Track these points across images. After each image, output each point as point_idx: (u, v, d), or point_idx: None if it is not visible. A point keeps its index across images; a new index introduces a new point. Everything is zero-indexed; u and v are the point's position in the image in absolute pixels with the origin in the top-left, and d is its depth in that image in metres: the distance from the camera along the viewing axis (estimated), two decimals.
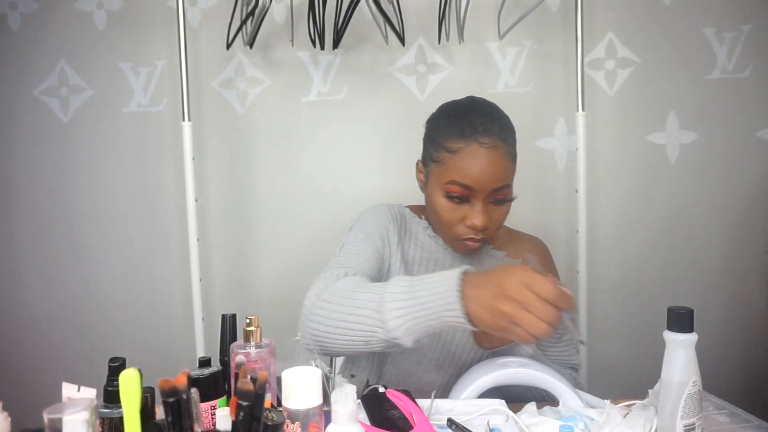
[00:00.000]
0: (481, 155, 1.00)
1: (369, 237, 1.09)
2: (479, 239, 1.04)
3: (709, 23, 1.59)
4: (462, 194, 1.01)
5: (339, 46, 1.51)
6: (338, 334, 0.88)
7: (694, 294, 1.64)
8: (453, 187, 1.01)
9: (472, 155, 1.00)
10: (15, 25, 1.62)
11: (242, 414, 0.55)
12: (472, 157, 1.00)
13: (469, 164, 1.00)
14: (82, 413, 0.58)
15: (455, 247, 1.09)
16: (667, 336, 0.75)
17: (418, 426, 0.78)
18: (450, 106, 1.11)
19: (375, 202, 1.57)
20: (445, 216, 1.04)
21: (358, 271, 1.01)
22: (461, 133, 1.02)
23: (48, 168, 1.66)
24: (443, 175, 1.03)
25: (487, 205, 1.02)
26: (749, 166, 1.62)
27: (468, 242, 1.05)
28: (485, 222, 1.01)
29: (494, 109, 1.08)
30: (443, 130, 1.05)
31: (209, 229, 1.65)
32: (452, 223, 1.04)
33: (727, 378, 1.62)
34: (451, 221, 1.04)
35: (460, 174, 1.01)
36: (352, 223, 1.15)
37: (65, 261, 1.67)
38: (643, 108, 1.62)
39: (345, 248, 1.08)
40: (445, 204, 1.03)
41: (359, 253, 1.05)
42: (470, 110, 1.06)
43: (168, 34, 1.61)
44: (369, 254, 1.05)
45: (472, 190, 1.00)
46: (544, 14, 1.59)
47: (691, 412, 0.74)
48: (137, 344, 1.67)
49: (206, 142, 1.64)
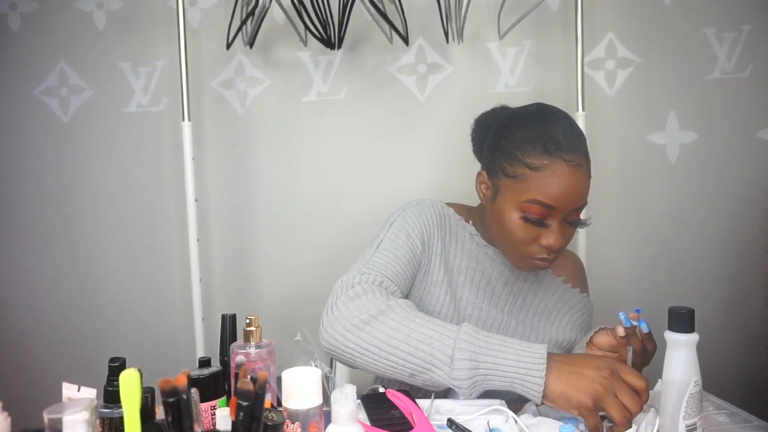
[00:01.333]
0: (567, 174, 0.93)
1: (409, 240, 1.03)
2: (551, 259, 0.99)
3: (709, 23, 1.59)
4: (541, 215, 0.95)
5: (341, 46, 1.51)
6: (382, 357, 0.86)
7: (694, 294, 1.64)
8: (533, 206, 0.94)
9: (556, 174, 0.93)
10: (15, 25, 1.62)
11: (242, 414, 0.55)
12: (557, 176, 0.93)
13: (554, 183, 0.93)
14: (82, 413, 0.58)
15: (520, 265, 1.02)
16: (667, 336, 0.75)
17: (418, 426, 0.78)
18: (524, 115, 1.02)
19: (375, 202, 1.56)
20: (519, 234, 0.97)
21: (394, 280, 0.97)
22: (544, 149, 0.94)
23: (48, 168, 1.65)
24: (521, 193, 0.96)
25: (564, 225, 0.97)
26: (749, 166, 1.62)
27: (539, 262, 0.99)
28: (562, 243, 0.96)
29: (572, 120, 1.01)
30: (521, 143, 0.97)
31: (209, 229, 1.65)
32: (525, 243, 0.97)
33: (727, 378, 1.62)
34: (524, 240, 0.97)
35: (542, 193, 0.94)
36: (393, 215, 1.08)
37: (65, 261, 1.67)
38: (643, 108, 1.62)
39: (382, 247, 1.01)
40: (520, 223, 0.97)
41: (397, 259, 0.99)
42: (549, 122, 0.98)
43: (168, 34, 1.61)
44: (406, 261, 1.00)
45: (554, 210, 0.94)
46: (544, 14, 1.59)
47: (693, 412, 0.74)
48: (137, 344, 1.67)
49: (206, 142, 1.64)
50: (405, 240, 1.02)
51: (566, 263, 1.16)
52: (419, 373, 0.85)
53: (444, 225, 1.08)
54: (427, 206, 1.07)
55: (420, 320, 0.87)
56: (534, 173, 0.95)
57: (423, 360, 0.85)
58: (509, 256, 1.03)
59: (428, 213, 1.06)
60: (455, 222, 1.09)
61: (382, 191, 1.64)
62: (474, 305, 1.06)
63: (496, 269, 1.08)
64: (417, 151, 1.63)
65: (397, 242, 1.02)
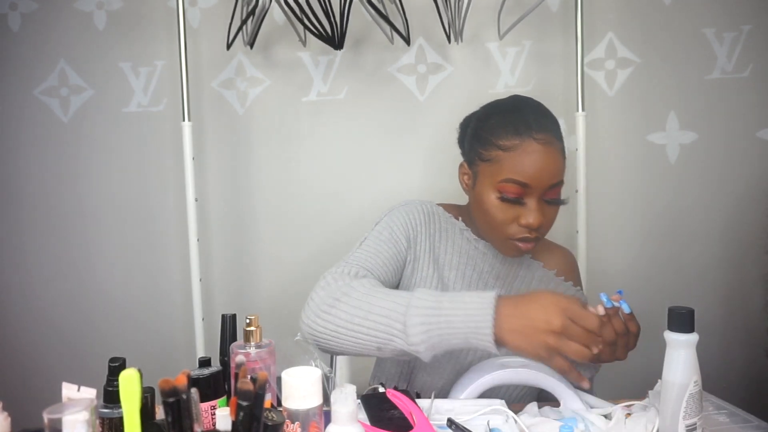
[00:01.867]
0: (537, 151, 0.97)
1: (393, 236, 1.06)
2: (533, 239, 1.00)
3: (709, 23, 1.59)
4: (517, 193, 0.98)
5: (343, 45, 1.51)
6: (350, 336, 0.88)
7: (694, 294, 1.64)
8: (508, 185, 0.98)
9: (527, 151, 0.97)
10: (15, 25, 1.62)
11: (242, 414, 0.55)
12: (529, 153, 0.97)
13: (525, 161, 0.97)
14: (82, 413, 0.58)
15: (504, 250, 1.05)
16: (667, 336, 0.75)
17: (418, 426, 0.78)
18: (497, 105, 1.08)
19: (374, 202, 1.56)
20: (498, 216, 1.00)
21: (373, 272, 0.99)
22: (515, 131, 0.99)
23: (48, 168, 1.65)
24: (496, 174, 1.00)
25: (542, 203, 1.00)
26: (749, 166, 1.62)
27: (521, 243, 1.01)
28: (540, 220, 0.99)
29: (542, 105, 1.06)
30: (494, 128, 1.02)
31: (209, 229, 1.65)
32: (505, 223, 1.00)
33: (727, 378, 1.62)
34: (504, 221, 1.00)
35: (515, 171, 0.98)
36: (380, 216, 1.11)
37: (65, 261, 1.67)
38: (643, 108, 1.62)
39: (365, 244, 1.05)
40: (498, 204, 1.00)
41: (378, 253, 1.03)
42: (520, 107, 1.04)
43: (168, 34, 1.61)
44: (388, 256, 1.03)
45: (528, 187, 0.98)
46: (544, 14, 1.59)
47: (693, 412, 0.74)
48: (137, 344, 1.67)
49: (206, 142, 1.64)
50: (388, 237, 1.05)
51: (558, 258, 1.17)
52: (384, 346, 0.87)
53: (432, 223, 1.10)
54: (414, 206, 1.11)
55: (380, 294, 0.90)
56: (507, 154, 0.99)
57: (383, 332, 0.86)
58: (494, 241, 1.06)
59: (415, 212, 1.09)
60: (445, 219, 1.12)
61: (382, 191, 1.64)
62: None
63: (488, 263, 1.10)
64: (417, 151, 1.64)
65: (380, 239, 1.05)
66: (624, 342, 0.92)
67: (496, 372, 0.96)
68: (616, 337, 0.90)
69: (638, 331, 0.94)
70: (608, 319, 0.90)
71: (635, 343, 0.94)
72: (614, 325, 0.90)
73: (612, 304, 0.91)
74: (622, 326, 0.91)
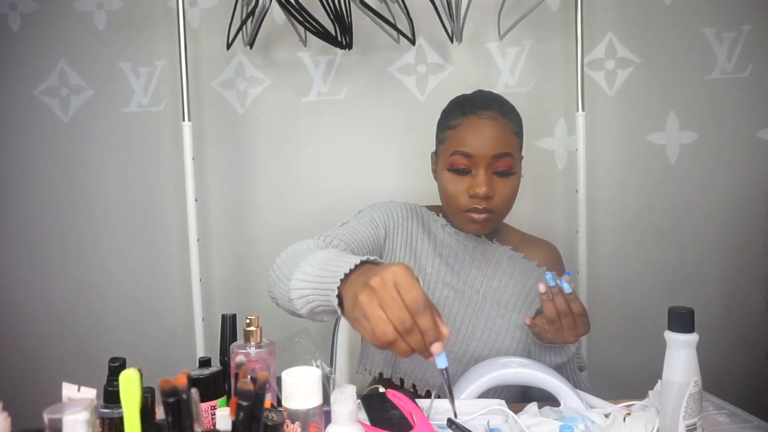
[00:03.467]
0: (479, 125, 1.06)
1: (373, 222, 1.11)
2: (482, 209, 1.05)
3: (709, 23, 1.59)
4: (465, 165, 1.05)
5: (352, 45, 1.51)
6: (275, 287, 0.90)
7: (694, 294, 1.64)
8: (455, 158, 1.06)
9: (471, 125, 1.06)
10: (15, 25, 1.62)
11: (242, 414, 0.55)
12: (471, 127, 1.06)
13: (468, 134, 1.06)
14: (82, 413, 0.57)
15: (463, 225, 1.09)
16: (667, 336, 0.75)
17: (418, 426, 0.78)
18: (458, 97, 1.17)
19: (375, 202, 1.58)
20: (450, 188, 1.07)
21: (349, 245, 1.01)
22: (462, 111, 1.09)
23: (48, 168, 1.65)
24: (447, 151, 1.08)
25: (489, 174, 1.05)
26: (749, 166, 1.62)
27: (472, 214, 1.06)
28: (488, 190, 1.04)
29: (497, 94, 1.14)
30: (447, 114, 1.13)
31: (209, 229, 1.65)
32: (457, 194, 1.07)
33: (727, 378, 1.62)
34: (456, 192, 1.07)
35: (460, 144, 1.06)
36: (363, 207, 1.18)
37: (65, 261, 1.67)
38: (643, 108, 1.62)
39: (344, 225, 1.09)
40: (450, 177, 1.07)
41: (356, 231, 1.07)
42: (474, 95, 1.14)
43: (168, 34, 1.61)
44: (364, 236, 1.07)
45: (473, 157, 1.05)
46: (544, 14, 1.59)
47: (693, 412, 0.74)
48: (137, 344, 1.67)
49: (206, 142, 1.64)
50: (368, 222, 1.11)
51: (540, 249, 1.21)
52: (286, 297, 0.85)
53: (412, 219, 1.15)
54: (396, 203, 1.17)
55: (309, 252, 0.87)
56: (454, 131, 1.08)
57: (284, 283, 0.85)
58: (453, 217, 1.11)
59: (396, 207, 1.16)
60: (427, 216, 1.18)
61: (382, 191, 1.64)
62: (450, 287, 1.12)
63: (469, 254, 1.15)
64: (417, 151, 1.63)
65: (361, 222, 1.10)
66: (569, 323, 0.97)
67: (496, 372, 0.96)
68: (558, 316, 0.96)
69: (583, 312, 0.98)
70: (551, 297, 0.96)
71: (584, 326, 0.99)
72: (556, 304, 0.96)
73: (555, 282, 0.96)
74: (563, 304, 0.96)
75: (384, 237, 1.12)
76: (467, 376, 0.99)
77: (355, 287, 0.70)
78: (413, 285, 0.66)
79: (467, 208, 1.06)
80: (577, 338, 0.99)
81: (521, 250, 1.18)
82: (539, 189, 1.64)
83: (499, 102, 1.11)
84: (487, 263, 1.15)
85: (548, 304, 0.97)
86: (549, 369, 0.97)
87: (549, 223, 1.63)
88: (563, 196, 1.63)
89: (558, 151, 1.63)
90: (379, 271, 0.67)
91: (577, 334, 0.99)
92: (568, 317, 0.97)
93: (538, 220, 1.61)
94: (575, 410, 0.88)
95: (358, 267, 0.74)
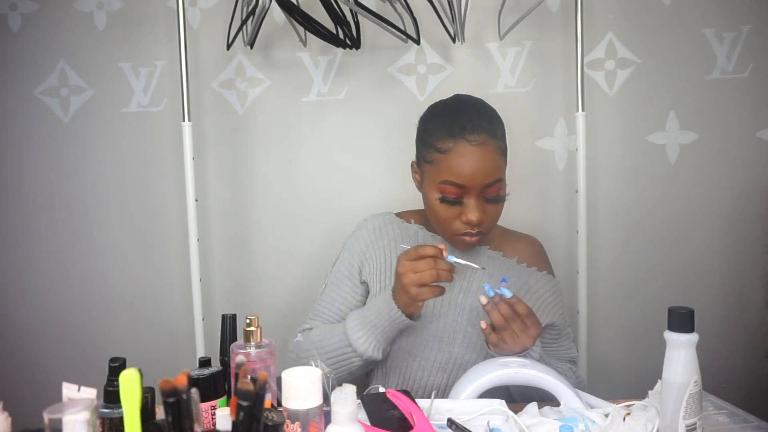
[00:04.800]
0: (471, 153, 1.03)
1: (348, 272, 1.18)
2: (475, 233, 1.07)
3: (709, 23, 1.59)
4: (456, 194, 1.05)
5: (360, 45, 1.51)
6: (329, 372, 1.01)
7: (694, 294, 1.64)
8: (446, 187, 1.05)
9: (461, 154, 1.04)
10: (15, 25, 1.62)
11: (242, 414, 0.55)
12: (462, 155, 1.04)
13: (460, 163, 1.04)
14: (82, 413, 0.58)
15: (455, 244, 1.12)
16: (667, 336, 0.75)
17: (418, 426, 0.78)
18: (437, 106, 1.14)
19: (374, 202, 1.58)
20: (442, 214, 1.08)
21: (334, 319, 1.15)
22: (450, 133, 1.05)
23: (48, 168, 1.65)
24: (436, 176, 1.07)
25: (481, 201, 1.06)
26: (749, 166, 1.62)
27: (465, 237, 1.08)
28: (480, 217, 1.05)
29: (481, 104, 1.11)
30: (432, 131, 1.09)
31: (209, 229, 1.65)
32: (449, 220, 1.08)
33: (727, 378, 1.62)
34: (447, 218, 1.08)
35: (451, 173, 1.04)
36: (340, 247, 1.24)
37: (65, 261, 1.67)
38: (643, 108, 1.62)
39: (324, 293, 1.19)
40: (440, 204, 1.07)
41: (333, 300, 1.17)
42: (457, 108, 1.09)
43: (168, 34, 1.61)
44: (345, 296, 1.17)
45: (465, 188, 1.04)
46: (544, 14, 1.59)
47: (693, 412, 0.74)
48: (137, 344, 1.67)
49: (206, 142, 1.64)
50: (345, 274, 1.19)
51: (519, 244, 1.21)
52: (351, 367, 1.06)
53: (382, 238, 1.19)
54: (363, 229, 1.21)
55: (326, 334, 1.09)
56: (443, 156, 1.06)
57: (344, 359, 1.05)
58: (444, 236, 1.13)
59: (364, 235, 1.20)
60: (398, 227, 1.20)
61: (382, 191, 1.64)
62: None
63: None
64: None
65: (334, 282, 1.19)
66: (519, 326, 1.00)
67: (496, 372, 0.96)
68: (506, 322, 0.99)
69: (529, 312, 1.01)
70: (494, 306, 1.00)
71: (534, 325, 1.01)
72: (501, 311, 1.00)
73: (494, 292, 1.00)
74: (507, 310, 0.99)
75: (360, 272, 1.18)
76: (467, 376, 0.99)
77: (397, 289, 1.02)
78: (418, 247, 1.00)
79: (460, 232, 1.08)
80: (533, 340, 1.01)
81: (503, 247, 1.19)
82: (539, 189, 1.64)
83: (486, 118, 1.08)
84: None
85: (494, 313, 1.00)
86: (549, 369, 0.97)
87: (549, 223, 1.63)
88: (563, 196, 1.63)
89: (558, 151, 1.63)
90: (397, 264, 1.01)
91: (532, 336, 1.00)
92: (516, 321, 1.00)
93: (538, 220, 1.61)
94: (575, 410, 0.88)
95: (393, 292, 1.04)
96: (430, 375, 1.13)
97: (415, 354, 1.13)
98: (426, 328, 1.12)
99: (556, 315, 1.17)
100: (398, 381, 1.14)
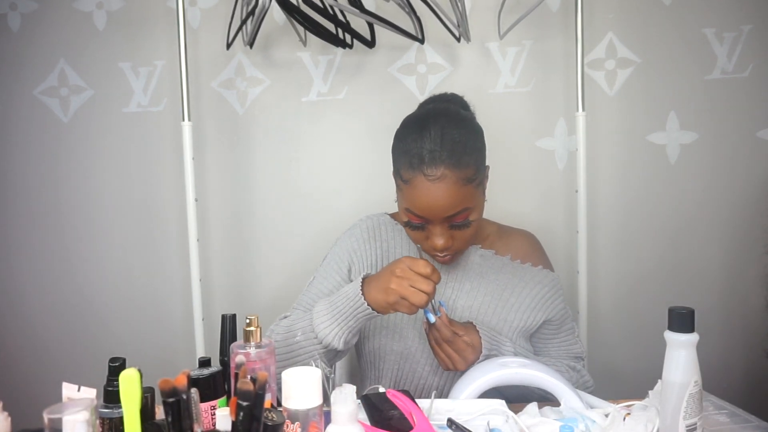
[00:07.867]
0: (427, 188, 0.99)
1: (337, 267, 1.17)
2: (444, 255, 1.06)
3: (709, 23, 1.59)
4: (419, 222, 1.03)
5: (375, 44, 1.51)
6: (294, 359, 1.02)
7: (694, 294, 1.64)
8: (410, 214, 1.04)
9: (418, 188, 1.00)
10: (15, 25, 1.62)
11: (242, 414, 0.55)
12: (419, 189, 1.00)
13: (418, 196, 1.00)
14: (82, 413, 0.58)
15: (432, 260, 1.11)
16: (668, 336, 0.75)
17: (418, 426, 0.78)
18: (407, 123, 1.08)
19: (374, 202, 1.58)
20: (412, 235, 1.08)
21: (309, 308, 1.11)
22: (409, 164, 1.01)
23: (48, 168, 1.65)
24: (402, 202, 1.06)
25: (446, 228, 1.03)
26: (749, 166, 1.62)
27: (437, 257, 1.08)
28: (446, 243, 1.03)
29: (448, 124, 1.02)
30: (397, 155, 1.06)
31: (209, 229, 1.65)
32: (419, 241, 1.08)
33: (727, 378, 1.62)
34: (417, 240, 1.08)
35: (412, 204, 1.02)
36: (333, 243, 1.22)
37: (65, 261, 1.67)
38: (643, 108, 1.62)
39: (311, 285, 1.17)
40: (407, 227, 1.07)
41: (319, 292, 1.14)
42: (423, 130, 1.02)
43: (168, 34, 1.61)
44: (331, 288, 1.14)
45: (425, 219, 1.02)
46: (544, 14, 1.59)
47: (693, 412, 0.74)
48: (137, 344, 1.67)
49: (206, 142, 1.64)
50: (334, 269, 1.17)
51: (512, 241, 1.19)
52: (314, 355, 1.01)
53: (376, 239, 1.18)
54: (356, 230, 1.20)
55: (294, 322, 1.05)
56: (405, 185, 1.03)
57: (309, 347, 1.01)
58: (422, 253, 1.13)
59: (357, 234, 1.19)
60: (391, 228, 1.19)
61: (382, 191, 1.63)
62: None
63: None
64: None
65: (323, 275, 1.17)
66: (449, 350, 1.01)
67: (496, 372, 0.96)
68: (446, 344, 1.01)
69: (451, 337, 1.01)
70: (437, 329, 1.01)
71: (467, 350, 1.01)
72: (441, 333, 1.01)
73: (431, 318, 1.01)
74: (447, 333, 1.00)
75: (349, 269, 1.16)
76: (467, 376, 0.99)
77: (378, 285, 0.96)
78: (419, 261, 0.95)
79: (431, 252, 1.08)
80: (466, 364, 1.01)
81: (496, 245, 1.17)
82: (539, 189, 1.64)
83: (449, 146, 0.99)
84: (456, 266, 1.15)
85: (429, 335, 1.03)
86: (549, 369, 0.97)
87: (549, 223, 1.63)
88: (563, 196, 1.63)
89: (558, 151, 1.63)
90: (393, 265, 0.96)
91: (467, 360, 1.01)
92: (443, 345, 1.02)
93: (538, 220, 1.61)
94: (575, 410, 0.88)
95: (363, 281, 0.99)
96: (429, 376, 1.12)
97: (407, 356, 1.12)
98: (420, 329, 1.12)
99: (553, 310, 1.15)
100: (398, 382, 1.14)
